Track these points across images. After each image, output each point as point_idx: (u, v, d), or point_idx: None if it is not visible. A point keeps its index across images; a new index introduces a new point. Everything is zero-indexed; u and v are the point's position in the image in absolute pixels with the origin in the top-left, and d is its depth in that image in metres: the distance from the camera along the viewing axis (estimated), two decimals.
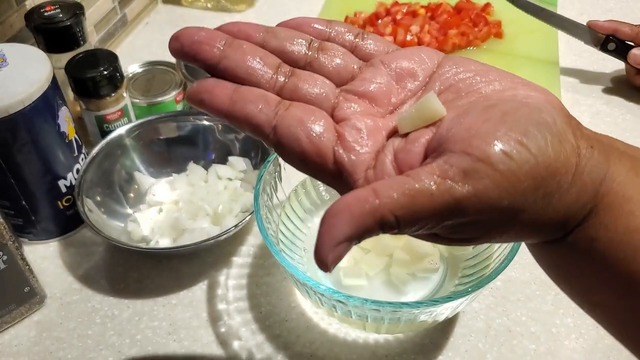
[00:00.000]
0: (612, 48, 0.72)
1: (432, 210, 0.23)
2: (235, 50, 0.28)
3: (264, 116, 0.26)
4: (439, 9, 0.81)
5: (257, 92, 0.27)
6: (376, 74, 0.29)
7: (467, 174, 0.23)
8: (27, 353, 0.49)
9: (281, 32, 0.30)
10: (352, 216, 0.23)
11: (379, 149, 0.26)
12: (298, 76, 0.28)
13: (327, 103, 0.28)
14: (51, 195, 0.55)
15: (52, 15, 0.60)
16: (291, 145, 0.26)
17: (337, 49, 0.30)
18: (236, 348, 0.49)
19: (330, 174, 0.27)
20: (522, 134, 0.24)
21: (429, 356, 0.48)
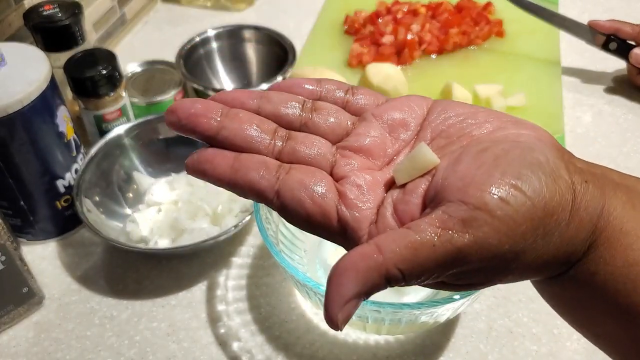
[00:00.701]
0: (614, 48, 0.71)
1: (436, 261, 0.24)
2: (232, 120, 0.28)
3: (266, 182, 0.27)
4: (440, 7, 0.81)
5: (257, 158, 0.28)
6: (369, 128, 0.29)
7: (467, 223, 0.24)
8: (25, 354, 0.49)
9: (274, 97, 0.30)
10: (358, 273, 0.24)
11: (379, 202, 0.27)
12: (295, 139, 0.29)
13: (325, 162, 0.29)
14: (49, 196, 0.54)
15: (50, 14, 0.59)
16: (295, 208, 0.27)
17: (329, 107, 0.30)
18: (236, 349, 0.49)
19: (335, 232, 0.27)
20: (516, 178, 0.24)
21: (429, 357, 0.48)
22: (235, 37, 0.75)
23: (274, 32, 0.73)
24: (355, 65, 0.76)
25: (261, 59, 0.75)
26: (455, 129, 0.28)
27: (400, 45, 0.76)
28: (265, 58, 0.75)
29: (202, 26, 0.85)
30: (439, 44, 0.77)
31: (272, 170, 0.27)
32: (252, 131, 0.28)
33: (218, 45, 0.74)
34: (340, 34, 0.83)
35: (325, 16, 0.87)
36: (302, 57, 0.78)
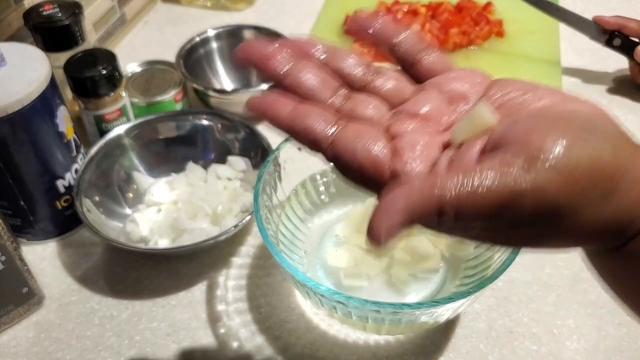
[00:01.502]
0: (618, 44, 0.71)
1: (491, 204, 0.24)
2: (300, 70, 0.30)
3: (321, 131, 0.28)
4: (440, 7, 0.81)
5: (316, 108, 0.29)
6: (428, 97, 0.30)
7: (527, 167, 0.24)
8: (25, 354, 0.49)
9: (342, 54, 0.32)
10: (412, 200, 0.24)
11: (434, 161, 0.27)
12: (354, 100, 0.30)
13: (381, 123, 0.30)
14: (49, 196, 0.54)
15: (50, 14, 0.59)
16: (348, 159, 0.28)
17: (392, 73, 0.32)
18: (236, 349, 0.49)
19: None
20: (577, 135, 0.24)
21: (429, 357, 0.48)
22: (235, 37, 0.75)
23: (274, 32, 0.73)
24: None
25: None
26: (514, 103, 0.28)
27: None
28: None
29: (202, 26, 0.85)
30: (439, 44, 0.77)
31: (329, 121, 0.28)
32: (316, 84, 0.30)
33: (218, 45, 0.74)
34: (340, 34, 0.83)
35: (325, 16, 0.87)
36: None
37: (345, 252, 0.52)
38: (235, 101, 0.67)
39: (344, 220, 0.54)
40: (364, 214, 0.53)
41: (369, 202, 0.55)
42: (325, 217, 0.56)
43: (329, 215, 0.56)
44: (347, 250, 0.52)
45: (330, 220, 0.55)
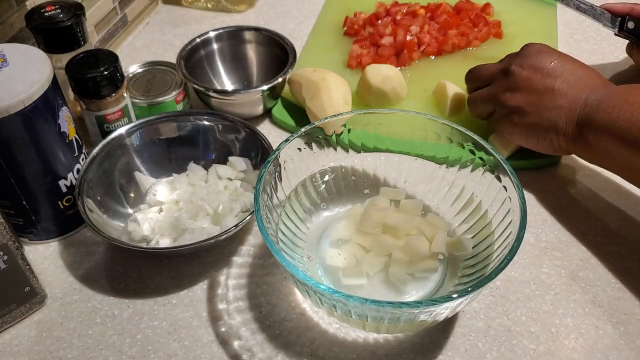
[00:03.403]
0: (632, 26, 0.71)
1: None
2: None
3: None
4: (439, 9, 0.81)
5: None
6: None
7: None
8: (27, 353, 0.49)
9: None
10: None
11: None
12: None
13: None
14: (52, 195, 0.55)
15: (52, 16, 0.60)
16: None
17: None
18: (236, 347, 0.49)
19: None
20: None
21: (428, 356, 0.48)
22: (235, 38, 0.75)
23: (274, 34, 0.73)
24: (354, 66, 0.76)
25: (261, 60, 0.76)
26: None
27: (399, 47, 0.76)
28: (266, 59, 0.75)
29: (202, 27, 0.86)
30: (437, 45, 0.78)
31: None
32: None
33: (219, 46, 0.75)
34: (340, 35, 0.83)
35: (325, 17, 0.88)
36: (302, 58, 0.79)
37: (344, 252, 0.52)
38: (236, 102, 0.68)
39: (344, 220, 0.55)
40: (363, 213, 0.54)
41: (369, 202, 0.55)
42: (325, 217, 0.56)
43: (329, 215, 0.56)
44: (347, 249, 0.52)
45: (330, 220, 0.56)
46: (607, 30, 0.73)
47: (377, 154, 0.57)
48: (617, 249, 0.56)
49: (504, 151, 0.63)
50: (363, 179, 0.58)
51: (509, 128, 0.59)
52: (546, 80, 0.56)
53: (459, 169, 0.54)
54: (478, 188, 0.52)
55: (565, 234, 0.57)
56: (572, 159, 0.65)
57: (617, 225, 0.58)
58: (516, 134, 0.59)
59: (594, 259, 0.55)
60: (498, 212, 0.49)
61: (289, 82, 0.70)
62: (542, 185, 0.63)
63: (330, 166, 0.57)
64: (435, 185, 0.56)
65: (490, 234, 0.49)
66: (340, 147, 0.56)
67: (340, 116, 0.54)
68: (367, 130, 0.56)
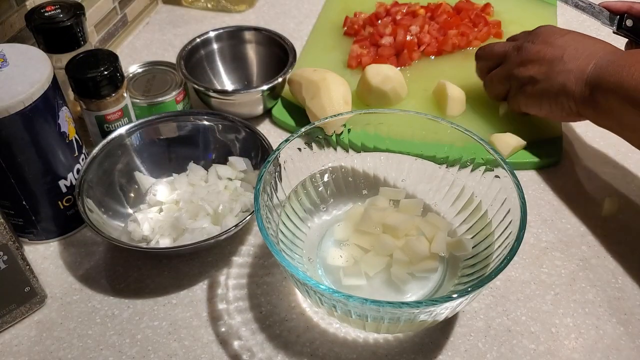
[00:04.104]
0: (631, 24, 0.71)
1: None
2: None
3: None
4: (439, 9, 0.82)
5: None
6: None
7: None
8: (27, 353, 0.49)
9: None
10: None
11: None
12: None
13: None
14: (52, 195, 0.55)
15: (52, 16, 0.60)
16: None
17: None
18: (236, 347, 0.49)
19: None
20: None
21: (428, 356, 0.48)
22: (235, 38, 0.75)
23: (274, 33, 0.73)
24: (354, 66, 0.76)
25: (261, 60, 0.76)
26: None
27: (399, 47, 0.76)
28: (266, 59, 0.75)
29: (202, 27, 0.86)
30: (437, 45, 0.78)
31: None
32: None
33: (219, 46, 0.75)
34: (340, 35, 0.83)
35: (325, 17, 0.88)
36: (302, 58, 0.79)
37: (344, 252, 0.52)
38: (236, 102, 0.68)
39: (344, 220, 0.55)
40: (363, 213, 0.54)
41: (369, 202, 0.55)
42: (325, 217, 0.56)
43: (329, 215, 0.56)
44: (347, 249, 0.52)
45: (330, 220, 0.56)
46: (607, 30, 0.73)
47: (377, 154, 0.57)
48: (617, 249, 0.56)
49: (504, 151, 0.63)
50: (363, 179, 0.58)
51: (524, 100, 0.62)
52: (556, 51, 0.59)
53: (459, 169, 0.54)
54: (478, 188, 0.52)
55: (565, 234, 0.57)
56: (572, 159, 0.65)
57: (617, 225, 0.58)
58: (530, 103, 0.62)
59: (594, 259, 0.55)
60: (498, 212, 0.49)
61: (289, 82, 0.70)
62: (542, 185, 0.63)
63: (330, 166, 0.57)
64: (435, 185, 0.56)
65: (490, 234, 0.49)
66: (340, 147, 0.56)
67: (340, 116, 0.54)
68: (367, 130, 0.56)
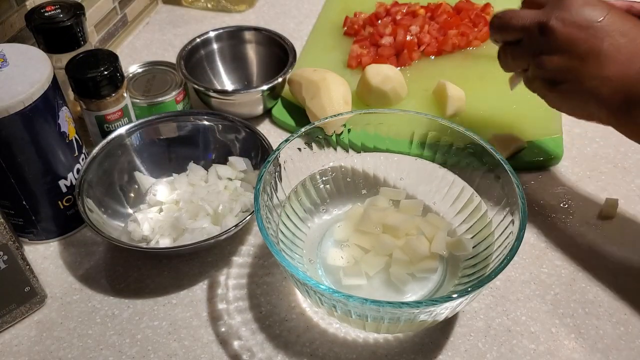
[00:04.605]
0: None
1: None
2: None
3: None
4: (439, 9, 0.81)
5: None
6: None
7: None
8: (27, 352, 0.49)
9: None
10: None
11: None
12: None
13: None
14: (52, 195, 0.55)
15: (52, 16, 0.60)
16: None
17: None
18: (236, 347, 0.49)
19: None
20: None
21: (428, 356, 0.48)
22: (235, 38, 0.75)
23: (274, 33, 0.73)
24: (354, 66, 0.76)
25: (261, 60, 0.76)
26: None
27: (399, 47, 0.76)
28: (266, 59, 0.75)
29: (202, 27, 0.86)
30: (437, 45, 0.78)
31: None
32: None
33: (219, 46, 0.75)
34: (340, 35, 0.83)
35: (325, 17, 0.88)
36: (302, 58, 0.79)
37: (344, 252, 0.52)
38: (236, 102, 0.68)
39: (344, 220, 0.55)
40: (363, 213, 0.54)
41: (369, 202, 0.55)
42: (325, 217, 0.56)
43: (329, 215, 0.56)
44: (347, 249, 0.52)
45: (330, 220, 0.56)
46: None
47: (377, 154, 0.57)
48: (617, 249, 0.56)
49: (504, 151, 0.63)
50: (363, 179, 0.58)
51: (542, 91, 0.53)
52: (592, 41, 0.46)
53: (459, 169, 0.54)
54: (478, 188, 0.52)
55: (565, 234, 0.57)
56: (572, 159, 0.65)
57: (617, 225, 0.58)
58: (550, 98, 0.53)
59: (594, 259, 0.55)
60: (498, 212, 0.49)
61: (289, 82, 0.70)
62: (542, 185, 0.63)
63: (330, 166, 0.57)
64: (435, 185, 0.56)
65: (490, 234, 0.49)
66: (340, 147, 0.56)
67: (340, 116, 0.54)
68: (367, 130, 0.56)
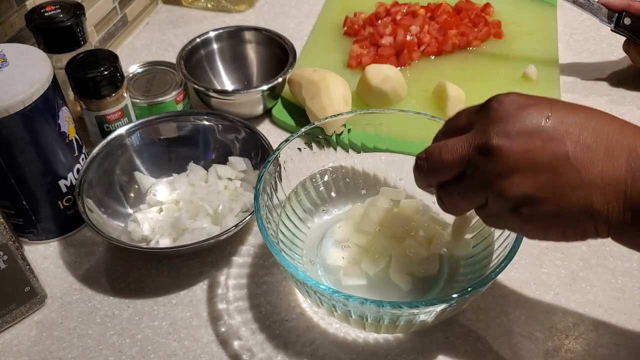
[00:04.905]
0: (629, 22, 0.71)
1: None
2: None
3: None
4: (439, 9, 0.81)
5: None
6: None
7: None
8: (27, 352, 0.49)
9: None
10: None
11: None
12: None
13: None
14: (52, 195, 0.55)
15: (52, 16, 0.60)
16: None
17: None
18: (236, 347, 0.49)
19: None
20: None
21: (428, 356, 0.48)
22: (235, 38, 0.75)
23: (274, 33, 0.73)
24: (354, 66, 0.76)
25: (261, 60, 0.76)
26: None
27: (399, 47, 0.77)
28: (266, 59, 0.75)
29: (202, 27, 0.86)
30: (437, 45, 0.78)
31: None
32: None
33: (219, 46, 0.75)
34: (340, 35, 0.83)
35: (325, 17, 0.88)
36: (302, 58, 0.79)
37: (344, 252, 0.52)
38: (236, 102, 0.68)
39: (344, 220, 0.55)
40: (363, 213, 0.54)
41: (369, 202, 0.55)
42: (325, 217, 0.56)
43: (329, 215, 0.56)
44: (347, 249, 0.52)
45: (330, 220, 0.56)
46: (607, 30, 0.73)
47: (377, 154, 0.57)
48: (617, 249, 0.56)
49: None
50: (363, 179, 0.58)
51: (518, 224, 0.40)
52: (551, 146, 0.37)
53: None
54: None
55: None
56: None
57: None
58: (531, 230, 0.40)
59: (594, 259, 0.55)
60: None
61: (289, 82, 0.70)
62: None
63: (330, 166, 0.57)
64: None
65: (490, 234, 0.49)
66: (340, 147, 0.56)
67: (340, 116, 0.54)
68: (367, 130, 0.56)
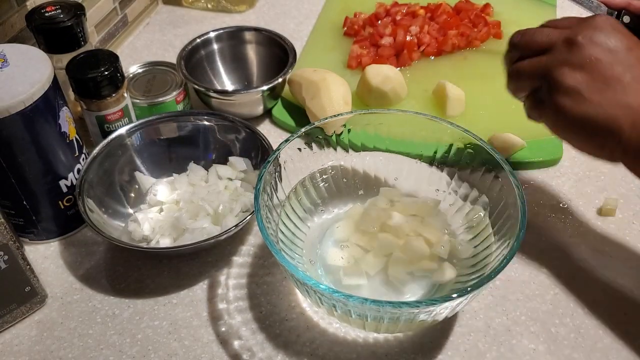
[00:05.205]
0: (628, 21, 0.71)
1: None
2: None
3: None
4: (439, 9, 0.82)
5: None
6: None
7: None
8: (28, 352, 0.49)
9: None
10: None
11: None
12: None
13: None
14: (52, 195, 0.55)
15: (53, 16, 0.60)
16: None
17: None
18: (236, 347, 0.49)
19: None
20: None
21: (428, 355, 0.48)
22: (235, 39, 0.75)
23: (274, 34, 0.74)
24: (354, 66, 0.76)
25: (261, 60, 0.76)
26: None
27: (399, 47, 0.77)
28: (266, 59, 0.75)
29: (203, 28, 0.86)
30: (437, 45, 0.78)
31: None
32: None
33: (219, 46, 0.75)
34: (340, 36, 0.84)
35: (325, 18, 0.88)
36: (302, 59, 0.79)
37: (344, 251, 0.52)
38: (236, 102, 0.68)
39: (344, 220, 0.55)
40: (363, 213, 0.54)
41: (369, 202, 0.56)
42: (325, 217, 0.56)
43: (329, 214, 0.56)
44: (347, 249, 0.52)
45: (330, 219, 0.56)
46: None
47: (377, 154, 0.57)
48: (617, 249, 0.56)
49: (503, 151, 0.63)
50: (363, 179, 0.58)
51: (553, 115, 0.46)
52: (618, 67, 0.44)
53: (459, 169, 0.54)
54: (478, 188, 0.52)
55: (565, 234, 0.57)
56: (572, 158, 0.65)
57: (617, 225, 0.58)
58: (561, 123, 0.46)
59: (594, 259, 0.55)
60: (498, 213, 0.49)
61: (289, 82, 0.70)
62: (542, 185, 0.63)
63: (330, 166, 0.57)
64: (435, 186, 0.56)
65: (490, 234, 0.49)
66: (340, 147, 0.56)
67: (340, 116, 0.54)
68: (367, 130, 0.56)
